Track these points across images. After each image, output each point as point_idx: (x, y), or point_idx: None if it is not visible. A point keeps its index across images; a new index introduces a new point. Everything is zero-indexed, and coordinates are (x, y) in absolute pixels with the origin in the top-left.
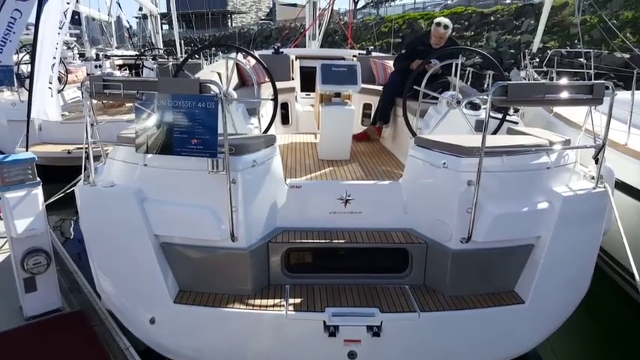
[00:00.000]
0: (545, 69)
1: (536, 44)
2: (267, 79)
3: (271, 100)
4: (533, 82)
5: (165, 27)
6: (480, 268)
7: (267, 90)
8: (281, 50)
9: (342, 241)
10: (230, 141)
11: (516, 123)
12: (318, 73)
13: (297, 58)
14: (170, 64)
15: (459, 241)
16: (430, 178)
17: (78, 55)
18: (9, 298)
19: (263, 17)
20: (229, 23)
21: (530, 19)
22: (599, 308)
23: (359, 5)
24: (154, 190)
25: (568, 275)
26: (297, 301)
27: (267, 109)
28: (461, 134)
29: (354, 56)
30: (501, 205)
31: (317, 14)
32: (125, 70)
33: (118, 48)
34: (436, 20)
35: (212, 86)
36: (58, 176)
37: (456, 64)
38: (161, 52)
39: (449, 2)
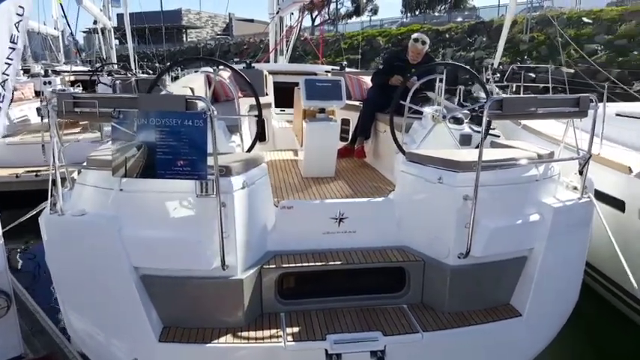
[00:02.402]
0: (505, 83)
1: (497, 60)
2: (241, 94)
3: (255, 116)
4: (526, 96)
5: (116, 42)
6: (477, 283)
7: (243, 106)
8: (253, 65)
9: (338, 262)
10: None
11: (498, 136)
12: (302, 89)
13: (270, 73)
14: (133, 79)
15: (456, 257)
16: (424, 194)
17: (22, 72)
18: None
19: (219, 32)
20: (184, 38)
21: (482, 36)
22: (581, 316)
23: (317, 22)
24: (132, 217)
25: (561, 285)
26: (295, 329)
27: (245, 126)
28: (446, 149)
29: (327, 72)
30: (496, 218)
31: (284, 30)
32: (78, 86)
33: (66, 64)
34: (414, 36)
35: (199, 102)
36: (6, 202)
37: (440, 80)
38: (116, 67)
39: (404, 20)
